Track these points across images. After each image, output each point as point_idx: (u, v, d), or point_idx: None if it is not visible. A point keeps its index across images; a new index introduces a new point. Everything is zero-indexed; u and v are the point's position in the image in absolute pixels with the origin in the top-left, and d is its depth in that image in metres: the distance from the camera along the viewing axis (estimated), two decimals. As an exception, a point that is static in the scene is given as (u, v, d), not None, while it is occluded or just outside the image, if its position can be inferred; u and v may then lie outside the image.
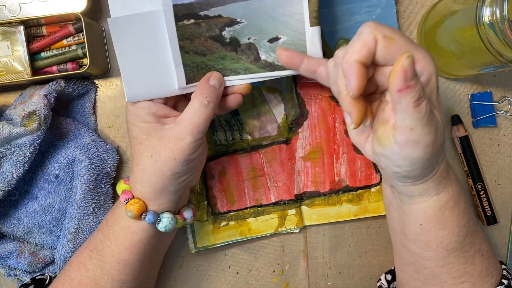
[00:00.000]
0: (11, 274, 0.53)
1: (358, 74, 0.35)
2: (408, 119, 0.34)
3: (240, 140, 0.53)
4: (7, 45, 0.49)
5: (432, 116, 0.35)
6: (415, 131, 0.34)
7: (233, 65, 0.44)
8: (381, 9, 0.51)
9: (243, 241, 0.55)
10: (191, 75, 0.44)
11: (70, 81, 0.50)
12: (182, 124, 0.42)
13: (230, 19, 0.43)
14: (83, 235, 0.50)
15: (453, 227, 0.41)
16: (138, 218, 0.43)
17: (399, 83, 0.32)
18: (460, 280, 0.42)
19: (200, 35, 0.43)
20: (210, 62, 0.44)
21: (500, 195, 0.55)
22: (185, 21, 0.42)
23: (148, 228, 0.44)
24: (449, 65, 0.51)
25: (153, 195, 0.43)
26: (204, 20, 0.42)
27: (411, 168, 0.37)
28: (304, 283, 0.56)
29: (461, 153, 0.53)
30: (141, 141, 0.43)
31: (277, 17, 0.43)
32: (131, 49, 0.42)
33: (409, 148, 0.35)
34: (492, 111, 0.53)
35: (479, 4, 0.40)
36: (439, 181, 0.39)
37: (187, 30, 0.42)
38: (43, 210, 0.51)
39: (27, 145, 0.46)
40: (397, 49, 0.35)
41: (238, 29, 0.43)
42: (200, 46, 0.43)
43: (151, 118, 0.43)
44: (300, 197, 0.54)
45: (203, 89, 0.42)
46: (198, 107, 0.42)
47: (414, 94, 0.33)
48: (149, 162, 0.42)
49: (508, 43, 0.39)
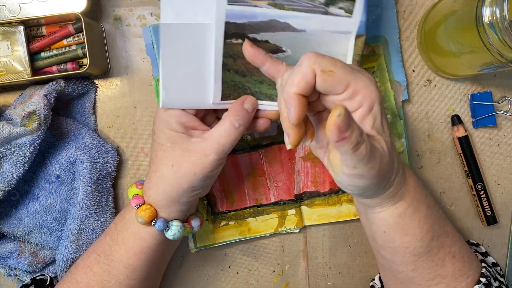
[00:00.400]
0: (11, 274, 0.53)
1: (296, 106, 0.36)
2: (349, 161, 0.35)
3: (240, 140, 0.53)
4: (7, 45, 0.49)
5: (373, 154, 0.36)
6: (358, 169, 0.36)
7: (269, 91, 0.44)
8: (381, 9, 0.51)
9: (243, 241, 0.55)
10: (227, 93, 0.44)
11: (70, 81, 0.50)
12: (209, 141, 0.42)
13: (277, 46, 0.43)
14: (86, 236, 0.50)
15: (415, 233, 0.42)
16: (148, 224, 0.43)
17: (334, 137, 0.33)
18: (433, 282, 0.43)
19: (244, 56, 0.43)
20: (247, 84, 0.44)
21: (500, 195, 0.55)
22: (233, 40, 0.42)
23: (157, 234, 0.44)
24: (449, 65, 0.51)
25: (165, 203, 0.43)
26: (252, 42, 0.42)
27: (360, 192, 0.39)
28: (304, 283, 0.56)
29: (461, 153, 0.53)
30: (165, 148, 0.43)
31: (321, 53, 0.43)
32: (176, 56, 0.42)
33: (355, 180, 0.37)
34: (492, 111, 0.53)
35: (479, 4, 0.40)
36: (394, 193, 0.41)
37: (233, 49, 0.42)
38: (44, 211, 0.51)
39: (27, 145, 0.46)
40: (336, 83, 0.36)
41: (281, 58, 0.43)
42: (242, 66, 0.43)
43: (180, 128, 0.43)
44: (300, 197, 0.54)
45: (236, 111, 0.43)
46: (228, 128, 0.42)
47: (351, 143, 0.34)
48: (169, 171, 0.42)
49: (508, 43, 0.39)
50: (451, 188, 0.55)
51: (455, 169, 0.55)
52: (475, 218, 0.55)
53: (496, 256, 0.55)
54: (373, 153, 0.36)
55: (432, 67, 0.53)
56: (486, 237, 0.55)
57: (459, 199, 0.55)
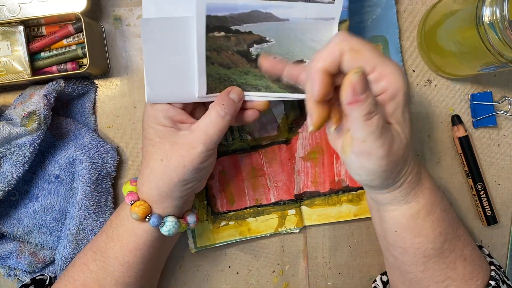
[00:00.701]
0: (11, 274, 0.53)
1: (320, 81, 0.36)
2: (359, 132, 0.35)
3: (240, 140, 0.53)
4: (7, 45, 0.49)
5: (385, 131, 0.36)
6: (367, 143, 0.35)
7: (255, 81, 0.44)
8: (381, 9, 0.51)
9: (243, 241, 0.55)
10: (213, 86, 0.44)
11: (70, 81, 0.50)
12: (196, 132, 0.42)
13: (260, 36, 0.43)
14: (84, 236, 0.50)
15: (428, 235, 0.41)
16: (142, 220, 0.43)
17: (348, 96, 0.33)
18: (443, 284, 0.43)
19: (228, 48, 0.43)
20: (233, 76, 0.44)
21: (500, 195, 0.55)
22: (215, 33, 0.42)
23: (152, 231, 0.44)
24: (449, 65, 0.51)
25: (159, 198, 0.43)
26: (235, 34, 0.42)
27: (368, 177, 0.38)
28: (304, 283, 0.56)
29: (461, 153, 0.53)
30: (154, 143, 0.43)
31: (305, 41, 0.43)
32: (159, 51, 0.42)
33: (363, 159, 0.37)
34: (492, 111, 0.53)
35: (479, 4, 0.40)
36: (407, 192, 0.40)
37: (216, 42, 0.42)
38: (43, 211, 0.51)
39: (27, 145, 0.46)
40: (363, 62, 0.36)
41: (265, 48, 0.43)
42: (226, 59, 0.43)
43: (168, 122, 0.43)
44: (300, 197, 0.54)
45: (222, 100, 0.43)
46: (214, 117, 0.42)
47: (363, 108, 0.34)
48: (158, 166, 0.42)
49: (508, 43, 0.39)
50: (451, 188, 0.55)
51: (455, 169, 0.55)
52: (475, 218, 0.55)
53: (496, 256, 0.55)
54: (385, 132, 0.35)
55: (432, 67, 0.53)
56: (486, 237, 0.55)
57: (459, 199, 0.55)
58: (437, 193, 0.43)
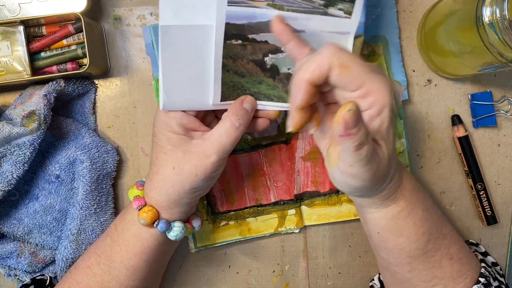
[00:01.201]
0: (11, 274, 0.53)
1: (304, 91, 0.36)
2: (348, 158, 0.35)
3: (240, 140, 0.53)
4: (7, 45, 0.49)
5: (373, 157, 0.36)
6: (354, 168, 0.36)
7: (268, 91, 0.44)
8: (381, 9, 0.51)
9: (243, 241, 0.55)
10: (227, 94, 0.44)
11: (70, 81, 0.50)
12: (209, 141, 0.42)
13: (276, 46, 0.43)
14: (85, 236, 0.50)
15: (410, 235, 0.42)
16: (150, 226, 0.43)
17: (340, 130, 0.33)
18: (430, 283, 0.43)
19: (244, 57, 0.43)
20: (247, 84, 0.44)
21: (500, 195, 0.55)
22: (233, 41, 0.42)
23: (158, 235, 0.44)
24: (449, 65, 0.51)
25: (167, 204, 0.43)
26: (251, 43, 0.42)
27: (351, 191, 0.39)
28: (304, 283, 0.56)
29: (461, 153, 0.53)
30: (166, 150, 0.43)
31: None
32: (176, 58, 0.42)
33: (348, 178, 0.37)
34: (492, 111, 0.53)
35: (479, 4, 0.40)
36: (386, 197, 0.41)
37: (233, 50, 0.42)
38: (43, 211, 0.51)
39: (27, 145, 0.46)
40: (351, 79, 0.36)
41: (280, 58, 0.43)
42: (241, 67, 0.43)
43: (181, 130, 0.42)
44: (300, 197, 0.54)
45: (236, 111, 0.42)
46: (228, 128, 0.42)
47: (354, 141, 0.34)
48: (170, 173, 0.42)
49: (508, 43, 0.39)
50: (451, 188, 0.55)
51: (455, 169, 0.55)
52: (475, 218, 0.55)
53: (496, 256, 0.55)
54: (373, 157, 0.36)
55: (432, 67, 0.53)
56: (486, 237, 0.55)
57: (459, 199, 0.55)
58: (418, 193, 0.43)
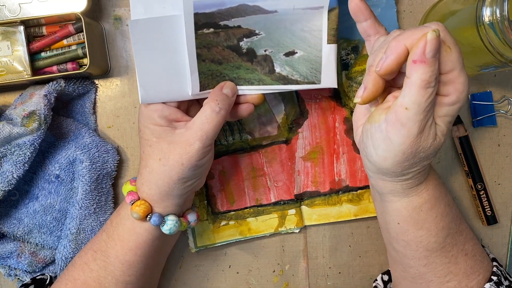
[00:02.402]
0: (11, 274, 0.53)
1: (396, 56, 0.35)
2: (409, 96, 0.35)
3: (240, 140, 0.53)
4: (7, 45, 0.49)
5: (430, 114, 0.35)
6: (408, 112, 0.35)
7: (247, 75, 0.44)
8: (381, 9, 0.51)
9: (243, 241, 0.55)
10: (205, 83, 0.44)
11: (70, 81, 0.50)
12: (192, 129, 0.42)
13: (249, 30, 0.43)
14: (85, 236, 0.50)
15: (430, 229, 0.41)
16: (143, 219, 0.43)
17: (417, 53, 0.33)
18: (445, 279, 0.43)
19: (218, 44, 0.43)
20: (225, 71, 0.44)
21: (500, 195, 0.55)
22: (204, 30, 0.42)
23: (152, 230, 0.44)
24: (449, 65, 0.51)
25: (159, 197, 0.43)
26: (223, 29, 0.42)
27: (383, 154, 0.38)
28: (304, 283, 0.56)
29: (461, 153, 0.53)
30: (151, 143, 0.43)
31: (295, 31, 0.43)
32: (149, 51, 0.42)
33: (393, 129, 0.36)
34: (492, 111, 0.53)
35: (479, 4, 0.40)
36: (408, 187, 0.40)
37: (206, 39, 0.42)
38: (43, 210, 0.51)
39: (27, 145, 0.46)
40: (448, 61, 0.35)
41: (255, 41, 0.43)
42: (217, 54, 0.43)
43: (163, 121, 0.43)
44: (300, 197, 0.54)
45: (216, 96, 0.43)
46: (209, 113, 0.42)
47: (426, 72, 0.33)
48: (157, 165, 0.42)
49: (508, 43, 0.39)
50: (451, 188, 0.55)
51: (455, 169, 0.55)
52: (475, 218, 0.55)
53: (496, 256, 0.55)
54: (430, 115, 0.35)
55: (432, 67, 0.53)
56: (486, 237, 0.55)
57: (459, 199, 0.55)
58: (441, 188, 0.43)
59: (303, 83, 0.45)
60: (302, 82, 0.45)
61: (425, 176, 0.41)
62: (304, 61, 0.44)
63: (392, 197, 0.41)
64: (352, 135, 0.53)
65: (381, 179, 0.41)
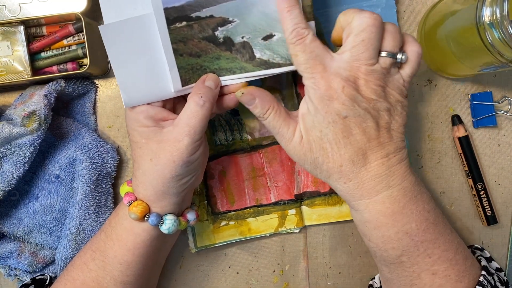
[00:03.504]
0: (11, 274, 0.53)
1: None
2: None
3: (240, 140, 0.53)
4: (7, 45, 0.49)
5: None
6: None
7: (228, 64, 0.44)
8: (381, 9, 0.51)
9: (243, 241, 0.55)
10: (187, 77, 0.43)
11: (70, 81, 0.50)
12: (179, 126, 0.42)
13: (223, 18, 0.42)
14: (84, 236, 0.50)
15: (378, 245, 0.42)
16: (141, 220, 0.43)
17: None
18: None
19: (193, 37, 0.42)
20: (205, 63, 0.44)
21: (500, 195, 0.55)
22: (177, 24, 0.41)
23: (151, 229, 0.44)
24: (449, 65, 0.51)
25: (155, 197, 0.43)
26: (196, 21, 0.42)
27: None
28: (304, 283, 0.56)
29: (461, 153, 0.53)
30: (141, 145, 0.43)
31: (270, 13, 0.42)
32: (125, 54, 0.41)
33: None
34: (492, 111, 0.53)
35: (479, 4, 0.40)
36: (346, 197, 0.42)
37: (180, 33, 0.42)
38: (43, 210, 0.51)
39: (27, 145, 0.46)
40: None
41: (231, 28, 0.43)
42: (194, 47, 0.43)
43: (150, 122, 0.43)
44: (300, 197, 0.54)
45: (198, 90, 0.42)
46: (193, 108, 0.42)
47: None
48: (149, 166, 0.42)
49: (508, 43, 0.39)
50: (451, 188, 0.55)
51: (455, 169, 0.55)
52: (475, 218, 0.55)
53: (496, 256, 0.55)
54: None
55: (432, 67, 0.53)
56: (486, 237, 0.55)
57: (459, 199, 0.55)
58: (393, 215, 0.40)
59: (286, 65, 0.44)
60: (284, 64, 0.44)
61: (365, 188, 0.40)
62: (283, 42, 0.43)
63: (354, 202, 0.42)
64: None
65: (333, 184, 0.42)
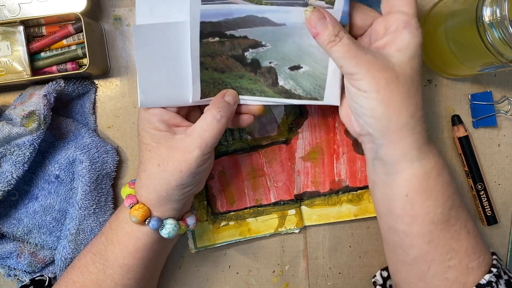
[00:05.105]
0: (11, 274, 0.53)
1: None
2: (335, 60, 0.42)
3: (240, 140, 0.53)
4: (7, 45, 0.49)
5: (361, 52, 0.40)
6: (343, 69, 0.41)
7: (250, 85, 0.44)
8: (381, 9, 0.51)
9: (243, 241, 0.55)
10: (207, 91, 0.43)
11: (70, 81, 0.50)
12: (192, 136, 0.42)
13: (255, 41, 0.42)
14: (84, 236, 0.50)
15: (437, 198, 0.41)
16: (142, 223, 0.43)
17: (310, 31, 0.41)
18: (447, 256, 0.42)
19: (222, 53, 0.42)
20: (227, 79, 0.44)
21: (500, 195, 0.55)
22: (209, 39, 0.41)
23: (151, 233, 0.44)
24: (449, 65, 0.51)
25: (157, 202, 0.43)
26: (229, 39, 0.42)
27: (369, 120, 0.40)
28: (304, 283, 0.56)
29: (461, 153, 0.53)
30: (150, 148, 0.43)
31: (303, 46, 0.43)
32: (151, 56, 0.41)
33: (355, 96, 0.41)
34: (492, 111, 0.53)
35: (479, 4, 0.40)
36: (416, 146, 0.40)
37: (210, 48, 0.42)
38: (43, 211, 0.51)
39: (27, 145, 0.46)
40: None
41: (261, 52, 0.43)
42: (221, 63, 0.43)
43: (163, 126, 0.42)
44: (300, 197, 0.54)
45: (217, 103, 0.42)
46: (210, 121, 0.41)
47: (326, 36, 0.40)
48: (156, 171, 0.42)
49: (508, 43, 0.39)
50: (451, 188, 0.55)
51: (455, 169, 0.55)
52: (475, 218, 0.55)
53: (496, 256, 0.55)
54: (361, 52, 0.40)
55: (432, 67, 0.53)
56: (486, 237, 0.55)
57: (459, 199, 0.55)
58: (443, 157, 0.43)
59: (305, 99, 0.44)
60: (305, 98, 0.44)
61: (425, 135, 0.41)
62: (308, 76, 0.44)
63: (402, 165, 0.41)
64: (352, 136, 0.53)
65: (389, 147, 0.40)
